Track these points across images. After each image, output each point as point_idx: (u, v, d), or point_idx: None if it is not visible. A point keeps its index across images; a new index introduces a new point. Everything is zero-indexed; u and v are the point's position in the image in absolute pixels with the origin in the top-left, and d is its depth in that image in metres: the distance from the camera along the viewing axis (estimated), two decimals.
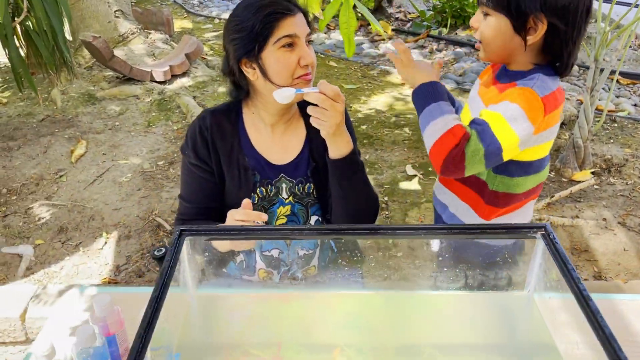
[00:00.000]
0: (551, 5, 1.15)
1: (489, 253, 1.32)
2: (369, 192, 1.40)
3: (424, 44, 5.63)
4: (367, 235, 1.18)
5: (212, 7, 6.81)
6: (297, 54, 1.26)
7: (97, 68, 4.36)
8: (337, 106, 1.20)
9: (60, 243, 2.67)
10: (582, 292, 0.96)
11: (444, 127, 1.19)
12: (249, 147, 1.39)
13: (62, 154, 3.33)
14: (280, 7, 1.26)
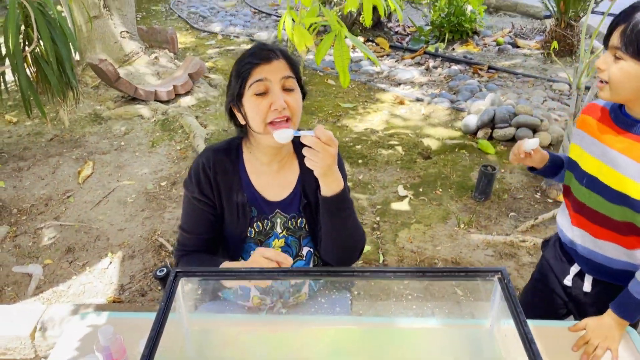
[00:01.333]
0: None
1: (457, 291, 1.46)
2: (357, 229, 1.50)
3: (421, 60, 5.76)
4: (346, 277, 1.31)
5: (216, 22, 6.96)
6: (269, 99, 1.37)
7: (104, 87, 4.52)
8: (329, 150, 1.29)
9: (67, 263, 2.82)
10: (526, 334, 1.10)
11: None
12: (248, 184, 1.51)
13: (70, 175, 3.49)
14: (258, 55, 1.39)
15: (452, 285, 1.50)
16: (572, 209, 1.53)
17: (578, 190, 1.49)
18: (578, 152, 1.48)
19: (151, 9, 7.41)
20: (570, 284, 1.61)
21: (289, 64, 1.43)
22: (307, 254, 1.58)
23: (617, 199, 1.38)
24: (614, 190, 1.38)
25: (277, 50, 1.44)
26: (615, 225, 1.43)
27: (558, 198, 3.26)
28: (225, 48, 5.93)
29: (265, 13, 7.42)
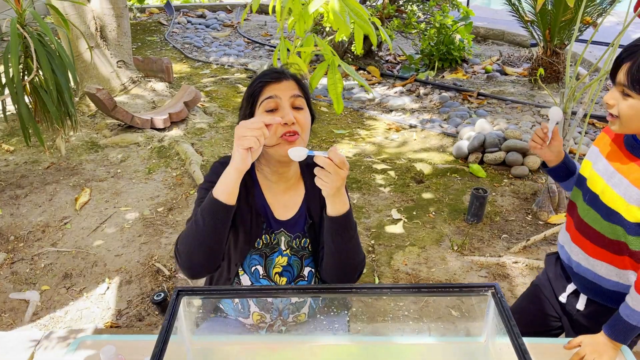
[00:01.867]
0: None
1: (452, 307, 1.50)
2: (358, 250, 1.53)
3: (411, 87, 5.88)
4: (343, 294, 1.36)
5: (210, 51, 7.08)
6: (280, 114, 1.44)
7: (100, 116, 4.58)
8: (340, 172, 1.33)
9: (65, 289, 2.83)
10: (520, 346, 1.15)
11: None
12: (261, 198, 1.56)
13: (67, 202, 3.52)
14: (269, 76, 1.48)
15: (447, 305, 1.54)
16: (573, 225, 1.58)
17: (581, 207, 1.54)
18: (588, 169, 1.53)
19: (146, 40, 7.54)
20: (565, 301, 1.66)
21: (299, 85, 1.51)
22: (308, 274, 1.62)
23: (611, 217, 1.44)
24: (610, 209, 1.44)
25: (287, 72, 1.52)
26: (608, 244, 1.48)
27: (549, 220, 3.32)
28: (220, 77, 6.03)
29: (259, 43, 7.56)
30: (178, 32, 8.03)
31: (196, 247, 1.40)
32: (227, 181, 1.35)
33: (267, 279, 1.59)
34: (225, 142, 4.39)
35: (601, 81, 3.11)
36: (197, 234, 1.39)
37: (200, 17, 8.97)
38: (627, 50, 1.32)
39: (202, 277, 1.48)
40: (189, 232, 1.42)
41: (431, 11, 6.50)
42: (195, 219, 1.41)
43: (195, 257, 1.42)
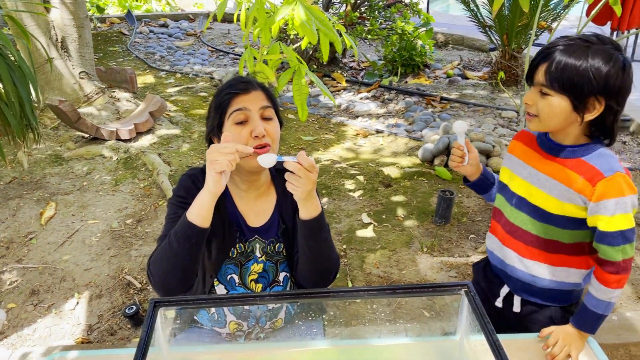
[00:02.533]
0: (609, 89, 1.35)
1: (426, 307, 1.54)
2: (332, 252, 1.56)
3: (376, 93, 5.96)
4: (320, 298, 1.38)
5: (174, 61, 7.03)
6: (249, 127, 1.45)
7: (63, 128, 4.49)
8: (310, 176, 1.36)
9: (32, 306, 2.76)
10: (495, 342, 1.19)
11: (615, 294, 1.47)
12: (233, 207, 1.57)
13: (32, 217, 3.44)
14: (237, 87, 1.48)
15: (419, 307, 1.58)
16: (503, 230, 1.64)
17: (508, 211, 1.61)
18: (508, 175, 1.61)
19: (108, 50, 7.43)
20: (501, 305, 1.72)
21: (266, 94, 1.52)
22: (284, 279, 1.64)
23: (542, 217, 1.52)
24: (540, 209, 1.51)
25: (254, 82, 1.53)
26: (541, 243, 1.55)
27: None
28: (185, 86, 5.99)
29: (223, 51, 7.54)
30: (140, 41, 7.94)
31: (170, 269, 1.41)
32: (201, 205, 1.37)
33: (242, 287, 1.60)
34: (193, 152, 4.37)
35: None
36: (171, 256, 1.40)
37: (163, 27, 8.88)
38: (542, 52, 1.41)
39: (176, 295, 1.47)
40: (162, 254, 1.43)
41: (393, 18, 6.61)
42: (169, 241, 1.41)
43: (169, 279, 1.43)
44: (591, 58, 1.34)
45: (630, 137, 4.77)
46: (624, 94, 1.39)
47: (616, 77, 1.35)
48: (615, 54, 1.36)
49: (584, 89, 1.35)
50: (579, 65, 1.34)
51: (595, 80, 1.34)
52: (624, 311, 2.63)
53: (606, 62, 1.35)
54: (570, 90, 1.36)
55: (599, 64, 1.34)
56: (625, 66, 1.37)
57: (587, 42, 1.37)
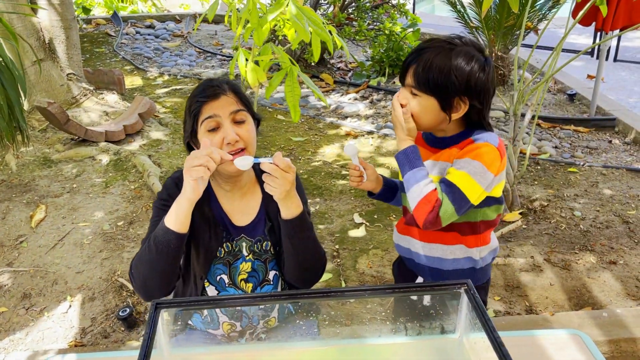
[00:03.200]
0: (471, 89, 1.43)
1: (425, 305, 1.55)
2: (317, 249, 1.58)
3: (365, 94, 5.99)
4: (321, 298, 1.39)
5: (161, 62, 6.99)
6: (222, 134, 1.46)
7: (52, 130, 4.45)
8: (287, 176, 1.38)
9: (24, 309, 2.74)
10: (496, 339, 1.20)
11: (419, 195, 1.45)
12: (217, 207, 1.58)
13: (22, 220, 3.40)
14: (206, 92, 1.48)
15: (416, 304, 1.58)
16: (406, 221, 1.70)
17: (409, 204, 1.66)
18: None
19: (95, 51, 7.37)
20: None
21: (238, 96, 1.52)
22: (274, 278, 1.65)
23: None
24: None
25: (225, 84, 1.53)
26: None
27: (504, 218, 3.45)
28: (173, 87, 5.97)
29: (210, 52, 7.52)
30: (127, 42, 7.89)
31: (150, 273, 1.43)
32: (179, 211, 1.38)
33: (233, 287, 1.61)
34: (183, 153, 4.35)
35: (547, 83, 3.28)
36: (151, 260, 1.41)
37: (149, 28, 8.83)
38: (412, 54, 1.48)
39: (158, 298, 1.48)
40: (142, 257, 1.44)
41: (380, 19, 6.64)
42: (148, 246, 1.42)
43: (149, 282, 1.45)
44: (454, 60, 1.42)
45: (616, 136, 4.84)
46: (486, 93, 1.46)
47: (477, 78, 1.43)
48: (477, 55, 1.44)
49: (449, 89, 1.43)
50: (443, 67, 1.41)
51: (458, 81, 1.41)
52: (613, 307, 2.67)
53: (467, 63, 1.42)
54: (436, 90, 1.44)
55: (461, 65, 1.42)
56: (485, 67, 1.44)
57: (451, 44, 1.45)
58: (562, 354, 1.57)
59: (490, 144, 1.44)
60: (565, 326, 2.49)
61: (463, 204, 1.43)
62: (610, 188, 3.85)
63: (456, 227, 1.57)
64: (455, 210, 1.43)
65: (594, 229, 3.35)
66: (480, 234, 1.60)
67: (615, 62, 7.49)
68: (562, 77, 6.13)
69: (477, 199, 1.46)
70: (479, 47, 1.47)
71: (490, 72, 1.46)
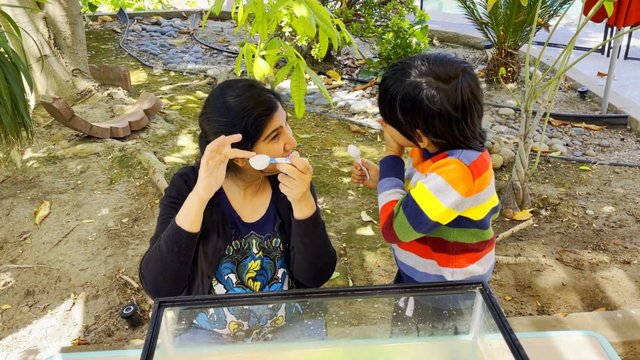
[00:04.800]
0: (423, 127, 1.37)
1: (438, 306, 1.50)
2: (328, 249, 1.55)
3: (372, 91, 5.93)
4: (330, 297, 1.34)
5: (167, 59, 6.96)
6: (283, 141, 1.43)
7: (56, 127, 4.42)
8: (304, 177, 1.35)
9: (27, 307, 2.71)
10: (514, 341, 1.15)
11: (381, 203, 1.44)
12: (226, 204, 1.54)
13: (26, 216, 3.37)
14: (265, 106, 1.40)
15: (428, 304, 1.54)
16: None
17: None
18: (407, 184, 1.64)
19: (100, 48, 7.35)
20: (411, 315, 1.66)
21: (279, 99, 1.47)
22: (282, 276, 1.61)
23: None
24: None
25: (266, 92, 1.45)
26: None
27: (515, 217, 3.39)
28: (179, 84, 5.93)
29: (217, 49, 7.49)
30: (133, 39, 7.86)
31: (161, 273, 1.40)
32: (190, 210, 1.35)
33: (241, 286, 1.57)
34: (189, 150, 4.31)
35: (558, 80, 3.22)
36: (161, 260, 1.38)
37: (155, 25, 8.80)
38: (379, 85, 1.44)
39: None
40: (152, 257, 1.41)
41: (388, 15, 6.58)
42: (158, 245, 1.39)
43: (160, 283, 1.42)
44: (400, 98, 1.35)
45: (629, 134, 4.76)
46: (444, 123, 1.35)
47: (423, 116, 1.34)
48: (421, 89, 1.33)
49: (402, 126, 1.40)
50: (391, 107, 1.38)
51: (405, 120, 1.37)
52: (628, 308, 2.61)
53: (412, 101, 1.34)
54: (394, 125, 1.42)
55: (405, 105, 1.35)
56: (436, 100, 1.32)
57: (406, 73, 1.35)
58: (578, 356, 1.52)
59: (460, 161, 1.36)
60: (579, 327, 2.44)
61: (420, 220, 1.38)
62: (623, 187, 3.78)
63: (428, 241, 1.51)
64: (411, 226, 1.39)
65: (607, 228, 3.28)
66: (452, 255, 1.51)
67: (626, 60, 7.39)
68: (572, 74, 6.05)
69: (441, 217, 1.39)
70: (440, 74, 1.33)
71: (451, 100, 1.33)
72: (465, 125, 1.37)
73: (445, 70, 1.34)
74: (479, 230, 1.50)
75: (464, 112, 1.35)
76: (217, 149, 1.30)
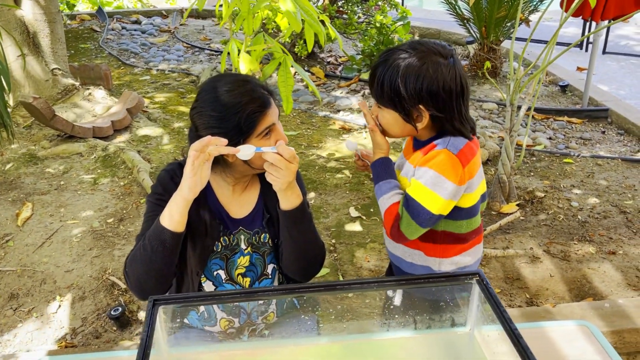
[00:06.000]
0: (427, 99, 1.39)
1: (433, 298, 1.50)
2: (316, 241, 1.54)
3: (357, 87, 5.93)
4: (326, 291, 1.32)
5: (148, 57, 6.87)
6: (275, 137, 1.41)
7: (37, 127, 4.34)
8: (291, 167, 1.34)
9: (12, 310, 2.65)
10: (513, 331, 1.15)
11: (383, 207, 1.45)
12: (214, 199, 1.52)
13: (7, 218, 3.30)
14: (259, 102, 1.37)
15: (422, 296, 1.54)
16: None
17: None
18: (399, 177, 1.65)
19: (79, 47, 7.23)
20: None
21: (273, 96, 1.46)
22: (272, 272, 1.60)
23: None
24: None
25: (260, 87, 1.43)
26: None
27: (501, 210, 3.42)
28: (161, 83, 5.86)
29: (198, 47, 7.42)
30: (113, 38, 7.75)
31: (145, 272, 1.38)
32: (175, 210, 1.33)
33: (230, 282, 1.55)
34: (174, 148, 4.26)
35: (543, 74, 3.24)
36: (146, 260, 1.37)
37: (135, 23, 8.69)
38: (372, 69, 1.47)
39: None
40: (137, 256, 1.39)
41: (371, 11, 6.58)
42: (143, 245, 1.37)
43: (145, 282, 1.40)
44: (403, 71, 1.38)
45: (609, 127, 4.83)
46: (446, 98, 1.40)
47: (429, 85, 1.38)
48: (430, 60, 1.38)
49: (402, 103, 1.40)
50: (393, 82, 1.39)
51: (407, 94, 1.38)
52: (615, 298, 2.64)
53: (417, 73, 1.38)
54: (392, 105, 1.43)
55: (410, 77, 1.38)
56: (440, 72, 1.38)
57: (406, 52, 1.40)
58: (571, 345, 1.53)
59: (448, 151, 1.40)
60: (568, 317, 2.46)
61: (425, 217, 1.41)
62: (606, 178, 3.83)
63: None
64: (417, 224, 1.42)
65: (592, 220, 3.32)
66: (439, 244, 1.54)
67: (604, 55, 7.50)
68: (552, 69, 6.12)
69: (442, 209, 1.42)
70: (437, 50, 1.41)
71: (449, 74, 1.39)
72: (462, 103, 1.42)
73: (441, 48, 1.41)
74: (468, 219, 1.53)
75: (461, 87, 1.41)
76: (202, 149, 1.28)
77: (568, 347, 1.52)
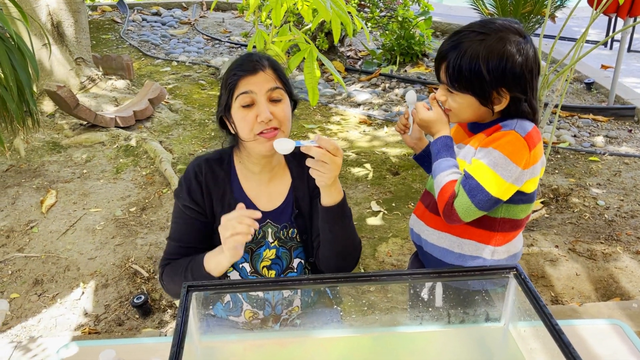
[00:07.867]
0: (510, 80, 1.33)
1: (467, 292, 1.47)
2: (355, 237, 1.51)
3: (377, 82, 5.89)
4: (358, 282, 1.30)
5: (169, 49, 6.89)
6: (255, 111, 1.38)
7: (60, 116, 4.37)
8: (336, 160, 1.27)
9: (36, 296, 2.67)
10: (554, 326, 1.12)
11: (439, 185, 1.39)
12: (240, 192, 1.50)
13: (32, 205, 3.33)
14: (244, 66, 1.40)
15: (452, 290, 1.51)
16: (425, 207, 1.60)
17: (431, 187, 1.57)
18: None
19: (101, 38, 7.27)
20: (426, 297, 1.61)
21: (277, 74, 1.43)
22: (298, 266, 1.57)
23: None
24: None
25: (265, 59, 1.43)
26: None
27: None
28: (182, 74, 5.88)
29: (218, 40, 7.42)
30: (133, 29, 7.79)
31: None
32: (220, 266, 1.37)
33: (255, 275, 1.54)
34: (194, 139, 4.27)
35: (570, 72, 3.19)
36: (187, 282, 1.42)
37: (156, 15, 8.72)
38: (441, 51, 1.40)
39: None
40: (176, 278, 1.44)
41: (392, 5, 6.53)
42: (184, 274, 1.42)
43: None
44: (484, 54, 1.32)
45: (636, 125, 4.74)
46: (528, 79, 1.35)
47: (512, 67, 1.32)
48: (510, 40, 1.33)
49: (483, 86, 1.34)
50: (473, 65, 1.33)
51: (490, 76, 1.32)
52: None
53: (500, 55, 1.32)
54: (471, 89, 1.36)
55: (492, 60, 1.32)
56: (522, 49, 1.33)
57: (482, 33, 1.34)
58: (602, 344, 1.51)
59: (516, 132, 1.34)
60: (594, 317, 2.42)
61: (482, 198, 1.34)
62: (633, 177, 3.76)
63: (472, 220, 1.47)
64: (473, 204, 1.34)
65: (618, 219, 3.26)
66: (497, 232, 1.48)
67: (629, 53, 7.36)
68: (578, 66, 6.01)
69: (502, 193, 1.36)
70: (513, 28, 1.36)
71: (529, 53, 1.35)
72: (534, 83, 1.37)
73: (516, 26, 1.36)
74: (528, 204, 1.47)
75: (538, 67, 1.37)
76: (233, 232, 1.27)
77: (599, 347, 1.49)
